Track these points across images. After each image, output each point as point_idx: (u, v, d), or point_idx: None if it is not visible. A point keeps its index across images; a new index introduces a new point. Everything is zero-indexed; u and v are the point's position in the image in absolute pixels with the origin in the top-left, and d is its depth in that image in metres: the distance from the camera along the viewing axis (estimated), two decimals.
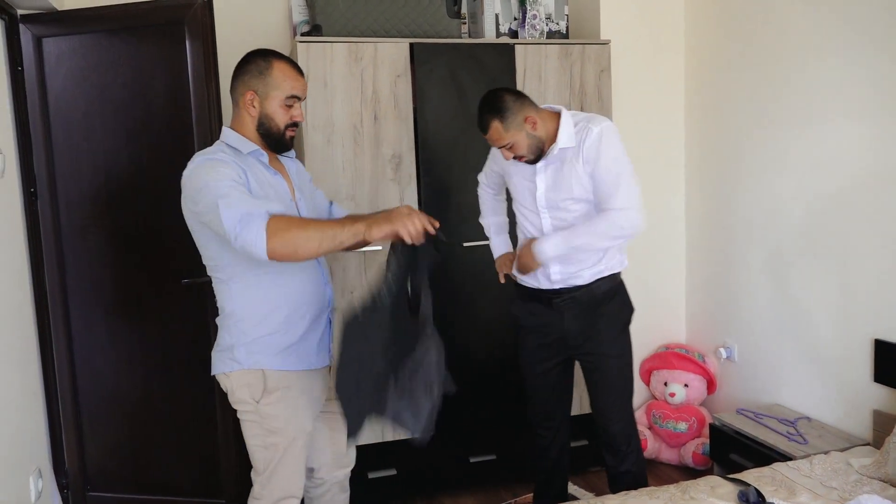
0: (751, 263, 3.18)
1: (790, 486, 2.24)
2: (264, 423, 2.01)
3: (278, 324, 1.99)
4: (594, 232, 2.27)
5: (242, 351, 1.99)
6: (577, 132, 2.30)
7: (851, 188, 2.66)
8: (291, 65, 2.02)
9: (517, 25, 3.31)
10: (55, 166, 2.97)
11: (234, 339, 2.00)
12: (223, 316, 2.04)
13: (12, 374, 2.14)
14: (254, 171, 1.96)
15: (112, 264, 3.01)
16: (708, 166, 3.41)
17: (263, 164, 2.01)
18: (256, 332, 1.99)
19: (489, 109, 2.27)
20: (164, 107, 2.88)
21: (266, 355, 1.99)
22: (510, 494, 3.17)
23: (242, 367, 1.99)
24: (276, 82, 1.97)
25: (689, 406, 3.39)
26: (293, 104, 2.00)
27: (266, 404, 2.00)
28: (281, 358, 2.00)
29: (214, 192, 1.80)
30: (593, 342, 2.44)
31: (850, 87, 2.63)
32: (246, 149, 1.98)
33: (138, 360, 3.05)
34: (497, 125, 2.25)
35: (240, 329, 1.99)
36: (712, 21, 3.32)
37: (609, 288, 2.43)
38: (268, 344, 1.99)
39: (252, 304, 1.99)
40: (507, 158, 2.34)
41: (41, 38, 2.90)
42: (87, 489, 3.16)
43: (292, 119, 2.01)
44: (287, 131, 2.02)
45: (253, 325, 1.98)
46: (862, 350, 2.65)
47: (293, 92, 1.99)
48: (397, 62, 2.92)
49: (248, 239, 1.75)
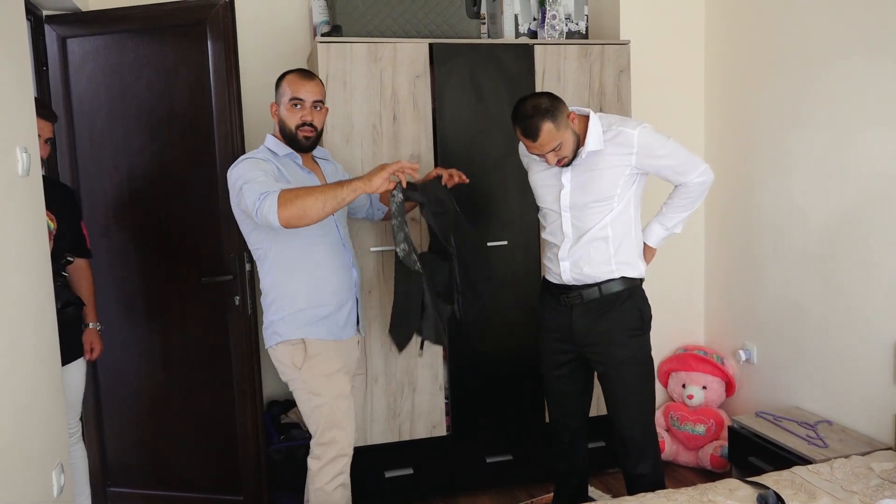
0: (771, 265, 3.16)
1: (810, 490, 2.22)
2: (307, 386, 2.32)
3: (312, 299, 2.31)
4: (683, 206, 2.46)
5: (282, 325, 2.32)
6: (611, 136, 2.34)
7: (873, 191, 2.63)
8: (298, 73, 2.35)
9: (536, 26, 3.30)
10: (78, 166, 3.01)
11: (274, 316, 2.34)
12: (264, 295, 2.38)
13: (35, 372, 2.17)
14: (289, 170, 2.31)
15: (133, 263, 3.04)
16: (728, 168, 3.39)
17: (298, 165, 2.35)
18: (293, 306, 2.31)
19: (537, 114, 2.22)
20: (186, 106, 2.90)
21: (304, 325, 2.31)
22: (527, 495, 3.17)
23: (284, 339, 2.32)
24: (283, 90, 2.33)
25: (708, 408, 3.37)
26: (300, 105, 2.31)
27: (307, 369, 2.31)
28: (316, 328, 2.32)
29: (243, 179, 2.16)
30: (602, 343, 2.43)
31: (876, 90, 2.60)
32: (282, 151, 2.34)
33: (158, 357, 3.08)
34: (550, 127, 2.23)
35: (278, 306, 2.33)
36: (733, 21, 3.30)
37: (621, 290, 2.42)
38: (305, 317, 2.31)
39: (289, 284, 2.31)
40: (552, 164, 2.32)
41: (66, 38, 2.94)
42: (108, 484, 3.20)
43: (302, 119, 2.31)
44: (299, 131, 2.32)
45: (289, 302, 2.31)
46: (883, 353, 2.63)
47: (294, 95, 2.30)
48: (417, 62, 2.93)
49: (264, 210, 2.06)
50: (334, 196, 2.07)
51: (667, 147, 2.37)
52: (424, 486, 3.12)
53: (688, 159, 2.40)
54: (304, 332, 2.31)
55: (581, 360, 2.53)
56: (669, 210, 2.48)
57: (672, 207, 2.48)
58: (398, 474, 3.06)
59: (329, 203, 2.06)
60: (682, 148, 2.40)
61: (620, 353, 2.42)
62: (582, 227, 2.39)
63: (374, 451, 3.02)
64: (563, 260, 2.43)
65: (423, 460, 3.10)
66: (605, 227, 2.39)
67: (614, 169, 2.35)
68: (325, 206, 2.06)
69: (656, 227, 2.51)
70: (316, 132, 2.35)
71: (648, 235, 2.51)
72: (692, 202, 2.46)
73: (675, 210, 2.47)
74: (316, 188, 2.11)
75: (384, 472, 3.04)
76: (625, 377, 2.44)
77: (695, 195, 2.44)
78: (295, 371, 2.33)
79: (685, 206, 2.46)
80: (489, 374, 3.12)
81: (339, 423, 2.34)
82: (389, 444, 3.04)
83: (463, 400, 3.11)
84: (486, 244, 3.02)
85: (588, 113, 2.36)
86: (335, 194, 2.07)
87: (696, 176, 2.41)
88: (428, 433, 3.08)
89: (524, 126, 2.25)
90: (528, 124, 2.23)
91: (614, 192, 2.36)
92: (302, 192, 2.07)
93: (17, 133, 2.13)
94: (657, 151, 2.35)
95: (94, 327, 2.78)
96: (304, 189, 2.10)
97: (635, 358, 2.44)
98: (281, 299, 2.33)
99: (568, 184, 2.39)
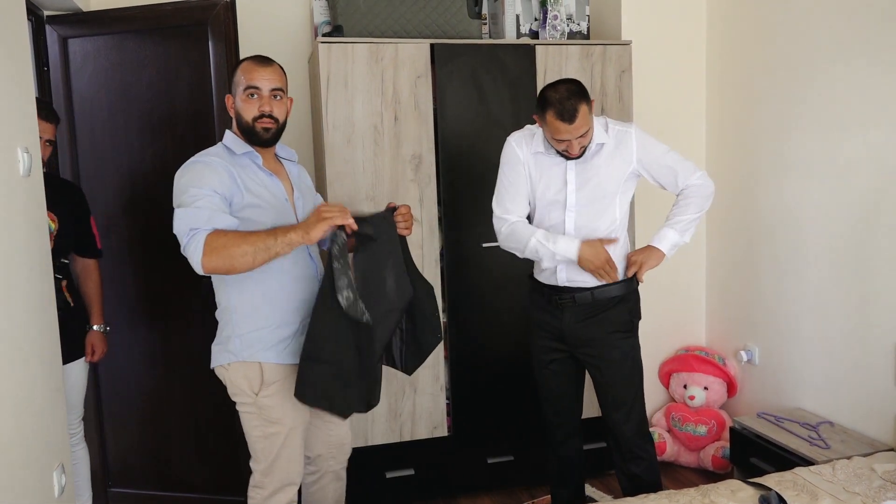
0: (772, 266, 3.16)
1: (812, 491, 2.22)
2: (263, 413, 2.08)
3: (272, 317, 2.06)
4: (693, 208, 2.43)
5: (237, 342, 2.06)
6: (612, 133, 2.39)
7: (874, 193, 2.63)
8: (254, 59, 2.10)
9: (538, 26, 3.30)
10: (79, 166, 3.01)
11: (229, 332, 2.08)
12: (220, 310, 2.13)
13: (36, 372, 2.17)
14: (247, 172, 2.06)
15: (134, 263, 3.04)
16: (729, 168, 3.38)
17: (258, 165, 2.10)
18: (250, 325, 2.06)
19: (574, 95, 2.20)
20: (187, 107, 2.90)
21: (261, 349, 2.06)
22: (528, 496, 3.17)
23: (238, 359, 2.06)
24: (237, 80, 2.09)
25: (709, 409, 3.37)
26: (256, 94, 2.06)
27: (265, 396, 2.07)
28: (275, 352, 2.07)
29: (182, 195, 1.95)
30: (593, 345, 2.43)
31: (877, 92, 2.60)
32: (239, 150, 2.08)
33: (159, 357, 3.08)
34: (585, 109, 2.22)
35: (234, 322, 2.07)
36: (734, 22, 3.30)
37: (616, 294, 2.42)
38: (262, 338, 2.06)
39: (246, 299, 2.06)
40: (575, 152, 2.29)
41: (67, 38, 2.94)
42: (109, 485, 3.20)
43: (259, 110, 2.06)
44: (257, 123, 2.06)
45: (246, 318, 2.06)
46: (884, 354, 2.62)
47: (249, 83, 2.05)
48: (418, 62, 2.92)
49: (189, 252, 1.89)
50: (266, 250, 1.87)
51: (661, 145, 2.42)
52: (425, 486, 3.12)
53: (683, 160, 2.43)
54: (264, 355, 2.05)
55: (572, 359, 2.52)
56: (679, 214, 2.44)
57: (681, 211, 2.44)
58: (399, 475, 3.06)
59: (259, 256, 1.87)
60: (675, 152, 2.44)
61: (611, 353, 2.43)
62: (585, 229, 2.39)
63: (375, 452, 3.02)
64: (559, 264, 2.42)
65: (425, 461, 3.10)
66: (609, 234, 2.40)
67: (616, 168, 2.37)
68: (254, 259, 1.87)
69: (669, 233, 2.43)
70: (277, 124, 2.09)
71: (660, 241, 2.43)
72: (699, 205, 2.43)
73: (684, 213, 2.43)
74: (249, 236, 1.88)
75: (385, 473, 3.04)
76: (616, 377, 2.44)
77: (701, 196, 2.43)
78: (249, 396, 2.08)
79: (693, 208, 2.43)
80: (490, 374, 3.12)
81: (291, 456, 2.12)
82: (390, 445, 3.04)
83: (464, 401, 3.11)
84: (481, 245, 3.02)
85: None
86: (267, 247, 1.87)
87: (696, 178, 2.42)
88: (429, 434, 3.08)
89: (561, 108, 2.19)
90: (565, 106, 2.19)
91: (616, 192, 2.38)
92: (232, 240, 1.86)
93: (18, 133, 2.13)
94: (654, 148, 2.40)
95: (98, 329, 2.75)
96: (235, 236, 1.88)
97: (626, 358, 2.45)
98: (238, 315, 2.07)
99: (573, 181, 2.38)
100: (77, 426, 2.74)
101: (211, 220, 1.90)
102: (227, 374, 2.10)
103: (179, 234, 1.91)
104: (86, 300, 2.74)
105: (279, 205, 2.09)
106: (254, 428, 2.11)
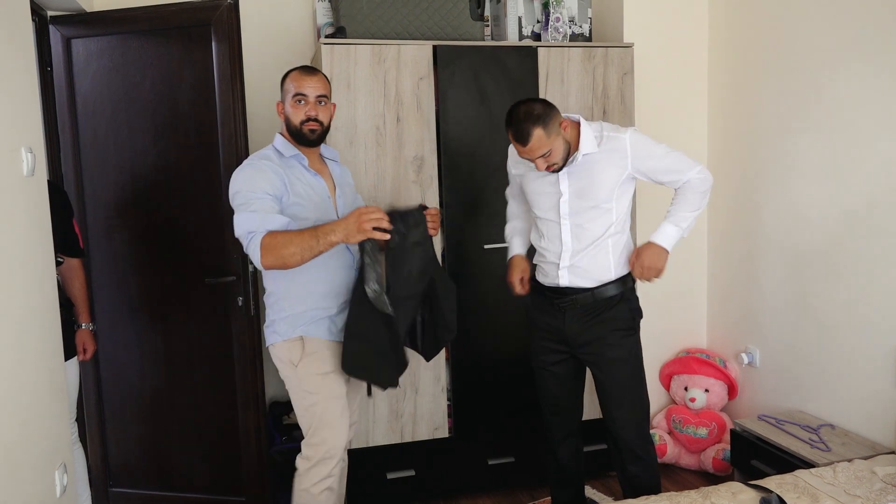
0: (773, 269, 3.16)
1: (813, 494, 2.22)
2: (303, 384, 2.32)
3: (309, 301, 2.31)
4: (692, 203, 2.42)
5: (282, 325, 2.32)
6: (604, 141, 2.37)
7: (875, 195, 2.63)
8: (301, 69, 2.34)
9: (540, 28, 3.31)
10: (83, 166, 3.01)
11: (275, 315, 2.34)
12: (267, 295, 2.38)
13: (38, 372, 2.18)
14: (295, 173, 2.29)
15: (137, 263, 3.04)
16: (731, 171, 3.39)
17: (304, 167, 2.32)
18: (295, 308, 2.31)
19: (528, 119, 2.23)
20: (190, 107, 2.91)
21: (303, 325, 2.31)
22: (528, 497, 3.17)
23: (283, 338, 2.32)
24: (287, 87, 2.32)
25: (710, 411, 3.37)
26: (303, 100, 2.28)
27: (303, 366, 2.30)
28: (315, 327, 2.32)
29: (240, 197, 2.17)
30: (594, 345, 2.44)
31: (878, 94, 2.60)
32: (288, 153, 2.31)
33: (161, 357, 3.08)
34: (540, 133, 2.23)
35: (280, 307, 2.33)
36: (736, 24, 3.31)
37: (615, 294, 2.43)
38: (306, 315, 2.31)
39: (291, 285, 2.30)
40: (541, 169, 2.33)
41: (70, 38, 2.94)
42: (110, 485, 3.20)
43: (306, 115, 2.29)
44: (304, 126, 2.29)
45: (291, 304, 2.31)
46: (886, 357, 2.62)
47: (298, 90, 2.29)
48: (420, 64, 2.93)
49: (250, 252, 2.13)
50: (311, 249, 2.10)
51: (659, 147, 2.40)
52: (426, 487, 3.12)
53: (682, 157, 2.42)
54: (303, 329, 2.31)
55: (573, 360, 2.53)
56: (678, 209, 2.43)
57: (680, 206, 2.43)
58: (400, 476, 3.06)
59: (306, 255, 2.10)
60: (675, 150, 2.43)
61: (612, 353, 2.43)
62: (582, 235, 2.41)
63: (376, 453, 3.02)
64: (562, 268, 2.44)
65: (425, 462, 3.10)
66: (607, 238, 2.41)
67: (610, 175, 2.37)
68: (302, 257, 2.10)
69: (669, 228, 2.43)
70: (322, 127, 2.32)
71: (662, 237, 2.43)
72: (698, 200, 2.42)
73: (683, 209, 2.43)
74: (295, 238, 2.10)
75: (386, 474, 3.04)
76: (617, 377, 2.45)
77: (699, 192, 2.41)
78: (291, 368, 2.32)
79: (692, 203, 2.42)
80: (491, 375, 3.12)
81: (331, 423, 2.31)
82: (391, 446, 3.04)
83: (465, 401, 3.11)
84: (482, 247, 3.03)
85: (579, 119, 2.38)
86: (311, 247, 2.10)
87: (695, 173, 2.41)
88: (430, 435, 3.08)
89: (515, 130, 2.26)
90: (519, 128, 2.25)
91: (611, 197, 2.38)
92: (282, 242, 2.09)
93: (22, 133, 2.14)
94: (651, 151, 2.38)
95: (87, 328, 2.78)
96: (284, 238, 2.10)
97: (627, 357, 2.46)
98: (283, 300, 2.33)
99: (566, 191, 2.40)
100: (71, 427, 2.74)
101: (264, 223, 2.12)
102: (274, 352, 2.35)
103: (240, 237, 2.15)
104: (73, 299, 2.75)
105: (322, 203, 2.32)
106: (298, 401, 2.34)
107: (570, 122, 2.35)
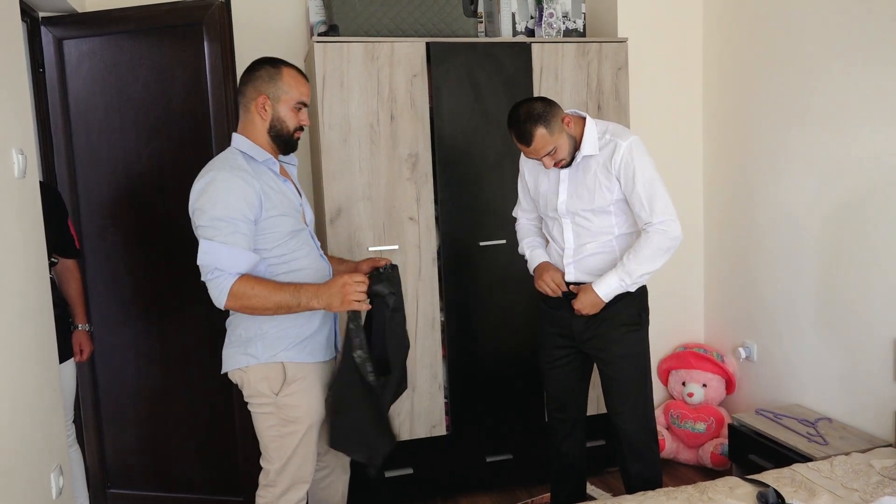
0: (770, 263, 3.15)
1: (810, 488, 2.22)
2: (282, 413, 2.09)
3: (293, 318, 2.07)
4: (645, 257, 2.30)
5: (260, 345, 2.06)
6: (603, 144, 2.35)
7: (871, 189, 2.63)
8: (299, 72, 2.13)
9: (534, 24, 3.30)
10: (75, 167, 3.01)
11: (250, 334, 2.07)
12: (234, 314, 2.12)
13: (33, 373, 2.17)
14: (266, 180, 2.05)
15: (131, 263, 3.04)
16: (727, 165, 3.38)
17: (274, 173, 2.10)
18: (273, 324, 2.06)
19: (529, 119, 2.23)
20: (183, 107, 2.90)
21: (284, 348, 2.07)
22: (527, 494, 3.16)
23: (259, 362, 2.06)
24: (287, 87, 2.07)
25: (708, 406, 3.37)
26: (302, 108, 2.12)
27: (285, 395, 2.08)
28: (297, 350, 2.09)
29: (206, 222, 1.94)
30: (599, 339, 2.44)
31: (873, 88, 2.60)
32: (261, 157, 2.07)
33: (157, 358, 3.08)
34: (542, 132, 2.24)
35: (257, 324, 2.06)
36: (731, 19, 3.30)
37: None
38: (286, 336, 2.08)
39: None
40: (549, 167, 2.34)
41: (62, 39, 2.93)
42: (107, 486, 3.19)
43: (300, 123, 2.12)
44: (295, 134, 2.13)
45: (269, 319, 2.05)
46: (883, 350, 2.62)
47: (302, 98, 2.10)
48: (414, 61, 2.92)
49: (211, 290, 1.94)
50: (287, 310, 1.96)
51: (648, 173, 2.30)
52: (424, 485, 3.12)
53: (662, 200, 2.29)
54: (286, 354, 2.07)
55: (580, 354, 2.53)
56: (631, 261, 2.31)
57: (635, 258, 2.31)
58: (398, 474, 3.05)
59: (279, 315, 1.98)
60: (665, 190, 2.32)
61: (618, 348, 2.43)
62: (584, 234, 2.41)
63: None
64: (567, 264, 2.46)
65: (423, 460, 3.09)
66: (611, 237, 2.41)
67: (605, 178, 2.36)
68: (273, 316, 1.99)
69: (613, 280, 2.33)
70: None
71: (603, 287, 2.33)
72: (656, 258, 2.30)
73: (636, 262, 2.30)
74: (273, 295, 1.93)
75: (384, 472, 3.04)
76: (623, 372, 2.45)
77: (659, 248, 2.29)
78: (268, 396, 2.08)
79: (647, 259, 2.29)
80: (488, 373, 3.11)
81: (306, 454, 2.14)
82: None
83: (462, 399, 3.11)
84: (478, 244, 3.03)
85: (585, 116, 2.38)
86: (289, 308, 1.95)
87: (660, 223, 2.28)
88: (427, 433, 3.08)
89: (517, 131, 2.27)
90: (521, 129, 2.26)
91: (609, 200, 2.36)
92: (255, 297, 1.92)
93: (12, 135, 2.13)
94: (636, 171, 2.29)
95: (83, 328, 2.76)
96: (261, 290, 1.93)
97: (633, 353, 2.46)
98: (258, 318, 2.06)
99: (564, 192, 2.41)
100: (68, 429, 2.73)
101: (236, 262, 1.93)
102: (244, 377, 2.09)
103: (203, 267, 1.94)
104: (68, 300, 2.74)
105: (294, 212, 2.11)
106: (269, 428, 2.11)
107: (573, 118, 2.35)
